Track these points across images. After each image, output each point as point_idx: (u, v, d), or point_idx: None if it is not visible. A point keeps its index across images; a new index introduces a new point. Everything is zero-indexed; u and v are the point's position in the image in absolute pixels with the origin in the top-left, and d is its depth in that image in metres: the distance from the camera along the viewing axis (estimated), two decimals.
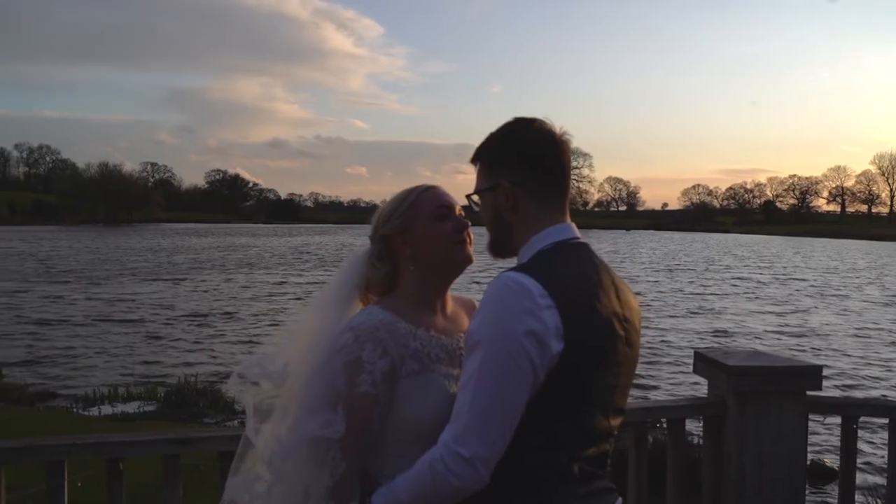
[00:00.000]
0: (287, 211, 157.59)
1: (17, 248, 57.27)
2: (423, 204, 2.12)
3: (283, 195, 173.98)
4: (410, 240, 2.10)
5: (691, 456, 3.51)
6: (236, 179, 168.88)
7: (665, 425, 3.57)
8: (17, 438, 2.82)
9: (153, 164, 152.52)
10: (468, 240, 2.13)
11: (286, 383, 2.06)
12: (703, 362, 3.54)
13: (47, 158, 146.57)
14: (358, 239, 75.00)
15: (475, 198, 2.07)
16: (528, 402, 1.76)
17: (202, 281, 34.41)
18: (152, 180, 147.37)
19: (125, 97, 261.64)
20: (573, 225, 2.00)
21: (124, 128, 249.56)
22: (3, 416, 11.32)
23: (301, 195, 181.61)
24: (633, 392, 13.85)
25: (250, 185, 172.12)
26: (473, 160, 2.06)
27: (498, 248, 2.04)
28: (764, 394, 3.35)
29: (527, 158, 1.96)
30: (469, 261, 2.13)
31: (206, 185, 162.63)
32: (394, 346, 1.95)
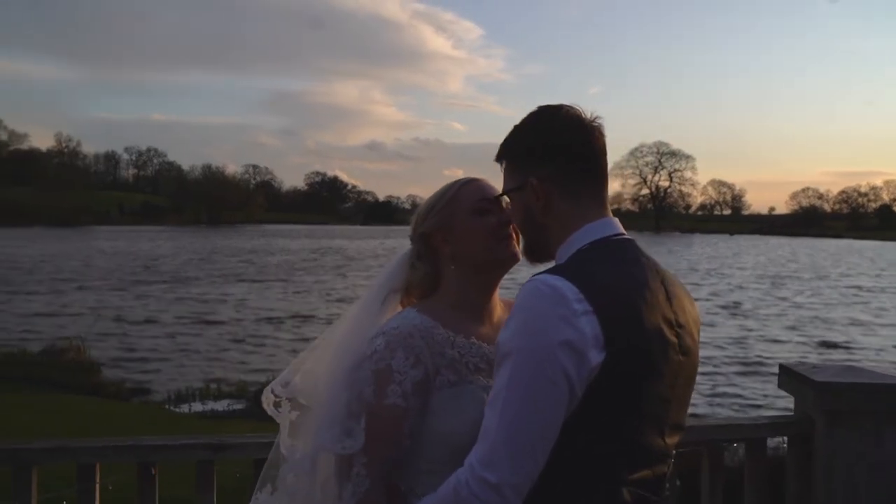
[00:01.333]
0: (384, 213, 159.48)
1: (122, 247, 59.66)
2: (462, 198, 1.95)
3: (380, 197, 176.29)
4: (450, 237, 1.93)
5: (775, 480, 3.15)
6: (335, 181, 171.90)
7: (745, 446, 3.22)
8: (50, 440, 2.76)
9: (255, 167, 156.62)
10: (514, 236, 1.94)
11: (316, 391, 1.93)
12: (789, 376, 3.19)
13: (155, 161, 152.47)
14: None
15: (506, 199, 1.89)
16: (565, 420, 1.54)
17: (296, 282, 34.97)
18: (254, 182, 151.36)
19: (228, 101, 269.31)
20: (615, 220, 1.79)
21: (227, 130, 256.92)
22: (102, 410, 11.70)
23: (399, 197, 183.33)
24: (716, 409, 13.41)
25: (349, 186, 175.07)
26: (498, 158, 1.85)
27: (534, 253, 1.85)
28: (858, 413, 2.98)
29: (554, 150, 1.75)
30: (514, 259, 1.94)
31: (306, 187, 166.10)
32: (428, 355, 1.79)
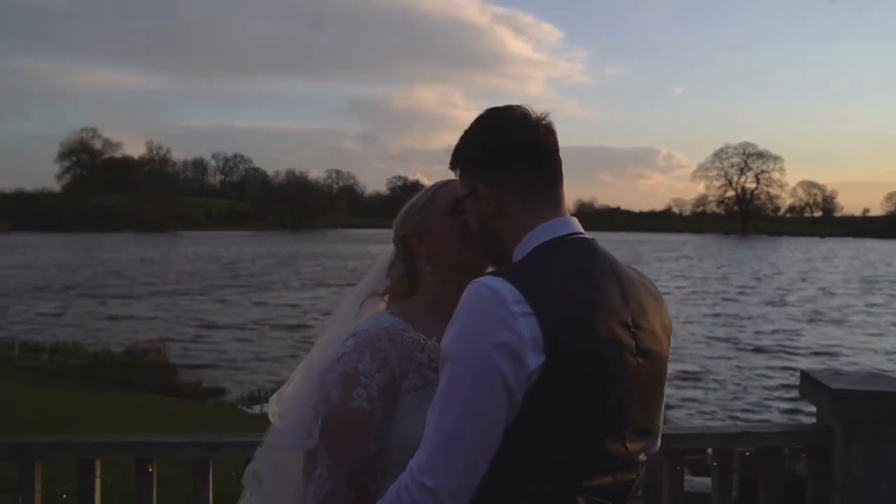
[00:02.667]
0: None
1: (204, 252, 61.28)
2: (439, 199, 1.95)
3: None
4: (426, 239, 1.93)
5: (794, 491, 3.02)
6: (416, 185, 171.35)
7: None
8: (52, 435, 2.84)
9: (337, 171, 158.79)
10: None
11: (296, 396, 1.95)
12: (809, 384, 3.05)
13: (241, 167, 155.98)
14: None
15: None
16: (510, 424, 1.50)
17: None
18: (336, 187, 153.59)
19: (311, 107, 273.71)
20: (572, 219, 1.75)
21: (311, 136, 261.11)
22: (178, 411, 12.04)
23: None
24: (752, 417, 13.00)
25: None
26: (451, 165, 1.84)
27: (494, 259, 1.82)
28: (880, 423, 2.82)
29: (500, 154, 1.73)
30: (485, 260, 1.89)
31: (388, 191, 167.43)
32: (395, 358, 1.78)
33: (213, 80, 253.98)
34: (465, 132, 1.81)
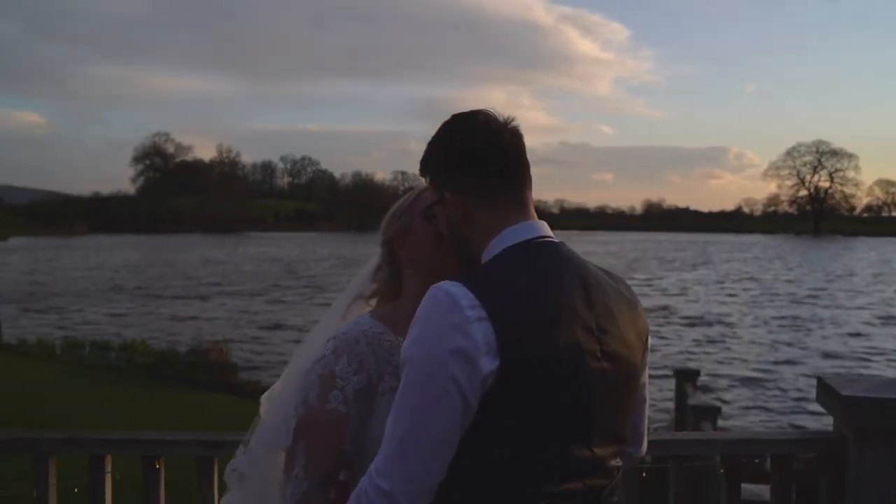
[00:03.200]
0: None
1: (270, 253, 62.28)
2: (420, 202, 1.96)
3: None
4: (406, 242, 1.94)
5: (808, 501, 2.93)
6: None
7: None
8: (64, 431, 2.92)
9: (403, 173, 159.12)
10: None
11: (280, 397, 1.98)
12: (822, 389, 2.95)
13: (308, 169, 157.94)
14: (600, 247, 74.33)
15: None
16: (468, 429, 1.51)
17: None
18: (402, 188, 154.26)
19: (378, 109, 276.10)
20: (540, 223, 1.74)
21: (377, 138, 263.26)
22: (238, 409, 12.25)
23: (546, 201, 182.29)
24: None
25: None
26: (421, 173, 1.86)
27: (464, 263, 1.82)
28: (892, 432, 2.72)
29: (464, 161, 1.73)
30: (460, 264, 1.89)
31: None
32: (373, 361, 1.80)
33: (282, 84, 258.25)
34: (431, 140, 1.82)
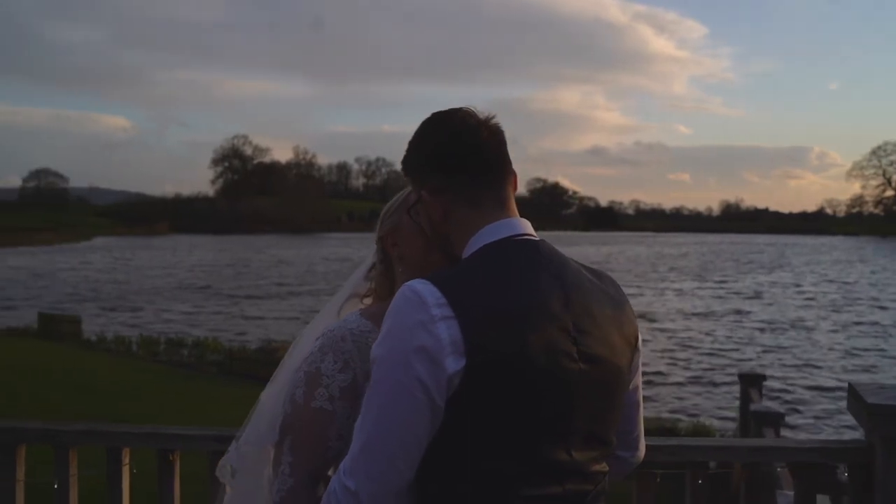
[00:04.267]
0: (606, 218, 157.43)
1: (341, 253, 63.06)
2: (409, 200, 1.95)
3: (603, 202, 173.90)
4: (398, 240, 1.94)
5: None
6: (556, 187, 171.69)
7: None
8: (84, 423, 3.01)
9: None
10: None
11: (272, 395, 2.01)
12: (852, 396, 2.82)
13: (383, 170, 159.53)
14: (672, 249, 73.12)
15: None
16: (438, 430, 1.51)
17: None
18: None
19: None
20: (520, 221, 1.73)
21: None
22: None
23: (621, 202, 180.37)
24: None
25: (570, 192, 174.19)
26: (403, 173, 1.86)
27: (448, 262, 1.81)
28: None
29: (440, 160, 1.73)
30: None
31: (528, 194, 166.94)
32: (358, 359, 1.79)
33: (357, 86, 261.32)
34: (410, 140, 1.81)
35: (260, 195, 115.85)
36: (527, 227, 1.72)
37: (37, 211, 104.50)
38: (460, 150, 1.71)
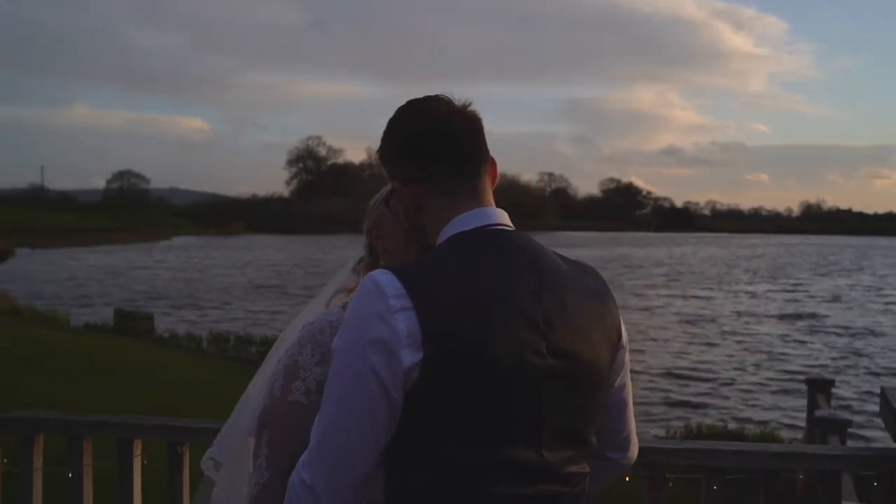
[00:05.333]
0: (681, 220, 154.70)
1: None
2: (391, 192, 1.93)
3: (678, 203, 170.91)
4: (381, 232, 1.92)
5: None
6: (629, 188, 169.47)
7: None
8: (97, 415, 3.06)
9: (550, 174, 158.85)
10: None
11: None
12: (884, 402, 2.67)
13: None
14: (746, 250, 71.46)
15: None
16: (399, 424, 1.47)
17: None
18: (549, 189, 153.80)
19: (524, 110, 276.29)
20: (493, 210, 1.68)
21: (523, 140, 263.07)
22: None
23: (697, 203, 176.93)
24: None
25: (643, 193, 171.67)
26: (381, 163, 1.82)
27: (423, 251, 1.77)
28: None
29: (412, 150, 1.69)
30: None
31: (601, 194, 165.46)
32: None
33: (429, 87, 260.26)
34: (385, 129, 1.77)
35: (333, 196, 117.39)
36: (501, 216, 1.67)
37: (119, 211, 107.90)
38: (432, 139, 1.67)
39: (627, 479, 2.67)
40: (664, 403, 14.58)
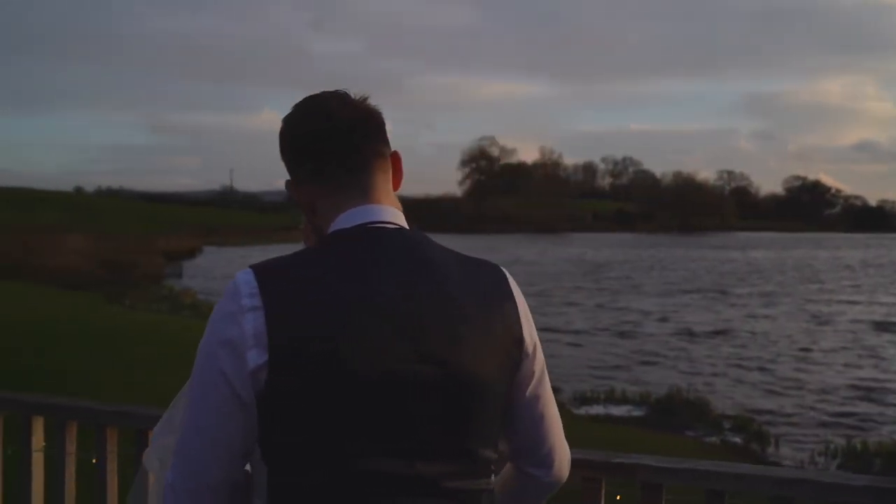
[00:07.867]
0: (875, 219, 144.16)
1: (577, 253, 62.01)
2: None
3: (872, 202, 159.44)
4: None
5: None
6: (816, 186, 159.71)
7: None
8: (118, 404, 3.16)
9: (729, 172, 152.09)
10: None
11: None
12: None
13: (630, 169, 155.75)
14: None
15: None
16: (259, 429, 1.46)
17: (733, 295, 33.50)
18: (728, 188, 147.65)
19: (703, 107, 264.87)
20: (382, 208, 1.63)
21: (702, 136, 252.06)
22: None
23: (894, 202, 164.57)
24: None
25: (832, 191, 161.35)
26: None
27: None
28: None
29: (297, 148, 1.67)
30: None
31: (784, 193, 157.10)
32: None
33: (603, 84, 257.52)
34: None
35: (506, 195, 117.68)
36: (388, 214, 1.61)
37: (299, 211, 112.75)
38: (316, 136, 1.63)
39: (619, 497, 2.56)
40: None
